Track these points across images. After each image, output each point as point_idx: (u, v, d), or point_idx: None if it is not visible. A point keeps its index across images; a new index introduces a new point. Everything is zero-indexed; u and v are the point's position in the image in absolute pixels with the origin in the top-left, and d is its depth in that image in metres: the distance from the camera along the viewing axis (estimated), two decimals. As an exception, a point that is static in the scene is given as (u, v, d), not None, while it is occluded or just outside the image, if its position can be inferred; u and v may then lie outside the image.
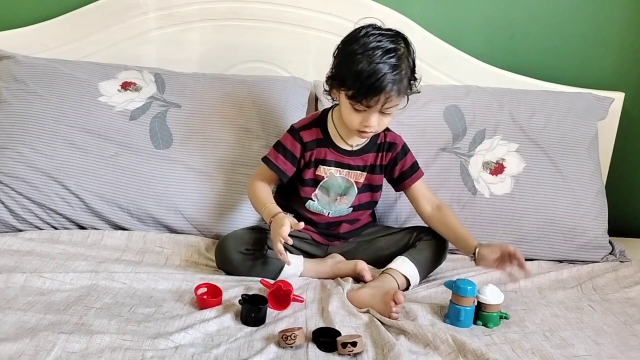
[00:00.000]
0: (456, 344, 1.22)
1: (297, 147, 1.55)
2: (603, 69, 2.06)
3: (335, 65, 1.47)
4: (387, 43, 1.39)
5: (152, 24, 1.90)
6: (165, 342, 1.17)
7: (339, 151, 1.56)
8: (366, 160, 1.57)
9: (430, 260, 1.56)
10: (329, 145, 1.55)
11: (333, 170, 1.56)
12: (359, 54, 1.39)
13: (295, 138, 1.55)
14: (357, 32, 1.44)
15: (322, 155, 1.55)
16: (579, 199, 1.76)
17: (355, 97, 1.41)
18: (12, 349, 1.10)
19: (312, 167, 1.56)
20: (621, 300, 1.53)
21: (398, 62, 1.39)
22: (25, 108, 1.72)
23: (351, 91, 1.40)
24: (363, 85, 1.38)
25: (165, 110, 1.76)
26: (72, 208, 1.65)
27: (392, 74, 1.38)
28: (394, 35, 1.43)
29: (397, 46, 1.41)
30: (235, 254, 1.48)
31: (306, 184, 1.57)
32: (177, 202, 1.68)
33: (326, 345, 1.21)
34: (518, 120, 1.83)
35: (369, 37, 1.40)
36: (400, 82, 1.40)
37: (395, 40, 1.42)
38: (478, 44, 2.01)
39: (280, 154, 1.55)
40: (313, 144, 1.55)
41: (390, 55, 1.38)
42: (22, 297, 1.29)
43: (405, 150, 1.61)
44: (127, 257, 1.54)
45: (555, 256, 1.74)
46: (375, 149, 1.58)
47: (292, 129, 1.57)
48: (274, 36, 1.92)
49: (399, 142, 1.60)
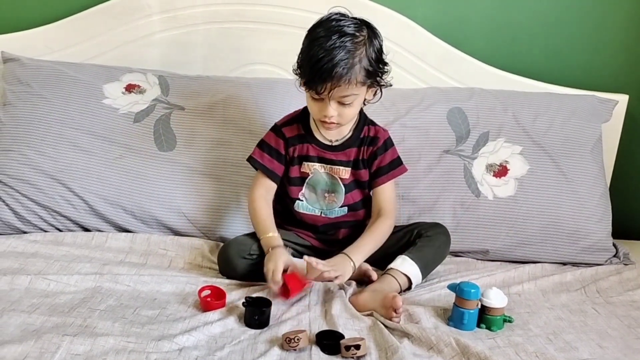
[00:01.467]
0: (460, 347, 1.22)
1: (280, 144, 1.54)
2: (607, 71, 2.05)
3: (299, 54, 1.45)
4: (345, 29, 1.37)
5: (156, 26, 1.91)
6: (169, 345, 1.17)
7: (321, 146, 1.54)
8: (349, 155, 1.55)
9: (431, 257, 1.54)
10: (310, 140, 1.54)
11: (317, 166, 1.55)
12: (311, 40, 1.39)
13: (278, 135, 1.54)
14: (322, 19, 1.42)
15: (305, 151, 1.54)
16: (582, 202, 1.76)
17: (307, 84, 1.40)
18: (17, 351, 1.10)
19: (297, 164, 1.55)
20: (625, 303, 1.53)
21: (352, 48, 1.35)
22: (30, 110, 1.73)
23: (304, 78, 1.40)
24: (312, 70, 1.36)
25: (169, 112, 1.77)
26: (76, 210, 1.65)
27: (343, 60, 1.34)
28: (357, 23, 1.40)
29: (355, 33, 1.38)
30: (238, 260, 1.47)
31: (293, 183, 1.56)
32: (181, 204, 1.68)
33: (329, 348, 1.21)
34: (522, 122, 1.83)
35: (331, 22, 1.39)
36: (350, 69, 1.35)
37: (357, 28, 1.38)
38: (481, 45, 2.01)
39: (265, 153, 1.54)
40: (295, 139, 1.54)
41: (343, 40, 1.35)
42: (26, 299, 1.30)
43: (387, 146, 1.57)
44: (131, 260, 1.54)
45: (559, 259, 1.74)
46: (358, 143, 1.55)
47: (274, 126, 1.56)
48: (278, 38, 1.92)
49: (381, 136, 1.56)
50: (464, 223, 1.73)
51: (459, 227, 1.72)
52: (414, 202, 1.73)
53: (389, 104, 1.83)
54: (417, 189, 1.74)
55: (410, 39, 1.93)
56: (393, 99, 1.84)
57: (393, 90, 1.88)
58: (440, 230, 1.60)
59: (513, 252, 1.73)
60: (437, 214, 1.72)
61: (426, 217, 1.73)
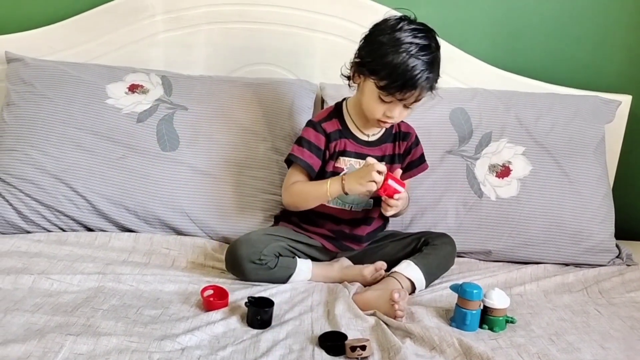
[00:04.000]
0: (462, 348, 1.22)
1: (321, 140, 1.53)
2: (610, 72, 2.05)
3: (366, 52, 1.46)
4: (422, 39, 1.42)
5: (159, 26, 1.91)
6: (172, 344, 1.17)
7: (358, 142, 1.56)
8: (384, 151, 1.58)
9: (436, 265, 1.56)
10: (348, 136, 1.55)
11: (353, 162, 1.55)
12: (395, 45, 1.40)
13: (318, 130, 1.53)
14: (392, 24, 1.44)
15: (343, 146, 1.55)
16: (585, 202, 1.76)
17: (387, 89, 1.42)
18: (20, 350, 1.11)
19: (333, 160, 1.55)
20: (628, 304, 1.53)
21: (432, 59, 1.43)
22: (33, 110, 1.73)
23: (384, 82, 1.41)
24: (399, 79, 1.40)
25: (172, 112, 1.77)
26: (79, 210, 1.66)
27: (428, 71, 1.41)
28: (426, 30, 1.45)
29: (430, 43, 1.43)
30: (247, 264, 1.45)
31: (326, 177, 1.53)
32: (184, 204, 1.69)
33: (334, 349, 1.21)
34: (524, 123, 1.83)
35: (404, 32, 1.42)
36: (433, 80, 1.44)
37: (429, 37, 1.44)
38: (484, 46, 2.01)
39: (305, 149, 1.52)
40: (336, 134, 1.54)
41: (425, 52, 1.41)
42: (30, 299, 1.30)
43: (418, 141, 1.63)
44: (134, 259, 1.55)
45: (561, 259, 1.74)
46: (392, 138, 1.59)
47: (313, 123, 1.55)
48: (281, 39, 1.92)
49: (412, 132, 1.62)
50: (467, 223, 1.73)
51: (461, 227, 1.72)
52: (416, 202, 1.73)
53: (392, 104, 1.83)
54: (419, 189, 1.74)
55: (413, 40, 1.93)
56: (396, 99, 1.85)
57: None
58: (446, 240, 1.60)
59: (515, 253, 1.73)
60: (440, 214, 1.73)
61: (429, 218, 1.73)
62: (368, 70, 1.44)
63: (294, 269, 1.49)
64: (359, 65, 1.47)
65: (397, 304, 1.34)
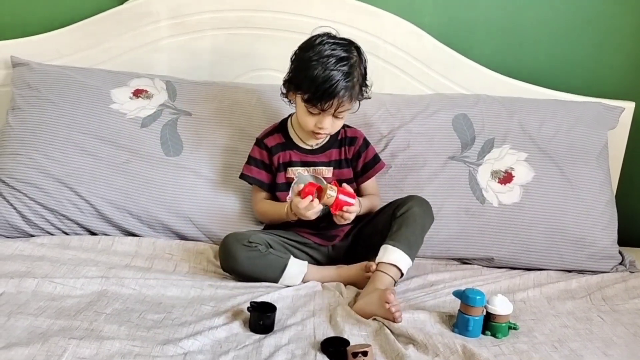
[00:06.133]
0: (466, 355, 1.22)
1: (264, 155, 1.64)
2: (613, 78, 2.05)
3: (292, 70, 1.56)
4: (340, 52, 1.50)
5: (164, 32, 1.92)
6: (174, 349, 1.18)
7: (302, 151, 1.64)
8: (329, 156, 1.65)
9: (411, 234, 1.52)
10: (292, 147, 1.64)
11: (300, 170, 1.63)
12: (314, 60, 1.49)
13: (261, 146, 1.64)
14: (313, 39, 1.54)
15: (288, 157, 1.63)
16: (588, 209, 1.76)
17: (310, 101, 1.51)
18: (24, 354, 1.11)
19: (282, 171, 1.63)
20: (631, 311, 1.52)
21: (350, 69, 1.50)
22: (38, 115, 1.74)
23: (307, 95, 1.50)
24: (318, 90, 1.48)
25: (176, 117, 1.78)
26: (83, 214, 1.66)
27: (345, 80, 1.48)
28: (347, 44, 1.53)
29: (349, 55, 1.51)
30: (237, 246, 1.48)
31: (280, 189, 1.63)
32: (187, 209, 1.69)
33: (336, 355, 1.21)
34: (527, 129, 1.83)
35: (324, 45, 1.51)
36: (352, 89, 1.51)
37: (348, 49, 1.52)
38: (487, 52, 2.02)
39: (252, 166, 1.64)
40: (277, 148, 1.63)
41: (343, 63, 1.49)
42: (33, 302, 1.31)
43: (367, 143, 1.69)
44: (137, 264, 1.55)
45: (564, 266, 1.73)
46: (337, 144, 1.66)
47: (256, 140, 1.66)
48: (284, 45, 1.91)
49: (359, 136, 1.68)
50: (469, 230, 1.73)
51: (463, 233, 1.72)
52: (419, 208, 1.73)
53: (395, 110, 1.84)
54: (422, 195, 1.72)
55: (416, 46, 1.94)
56: (399, 105, 1.85)
57: (399, 97, 1.89)
58: (412, 203, 1.57)
59: (518, 259, 1.73)
60: (442, 220, 1.72)
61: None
62: (294, 85, 1.55)
63: (287, 258, 1.51)
64: (288, 82, 1.57)
65: (393, 305, 1.33)
